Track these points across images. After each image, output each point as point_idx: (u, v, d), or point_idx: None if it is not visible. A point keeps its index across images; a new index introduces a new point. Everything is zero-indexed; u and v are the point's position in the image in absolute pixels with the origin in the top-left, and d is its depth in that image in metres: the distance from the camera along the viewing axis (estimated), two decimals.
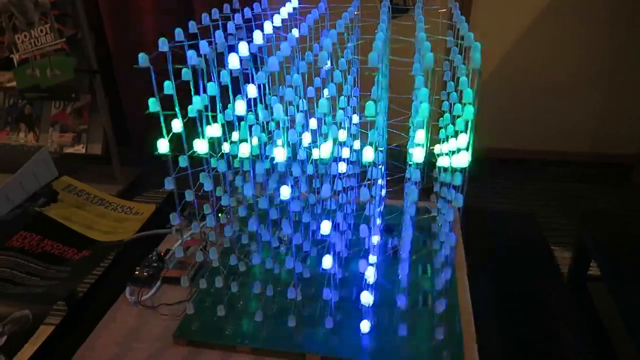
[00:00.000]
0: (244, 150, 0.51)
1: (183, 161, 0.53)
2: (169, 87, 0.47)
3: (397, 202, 0.78)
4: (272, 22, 0.58)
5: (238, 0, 0.62)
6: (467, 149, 0.44)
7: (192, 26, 0.54)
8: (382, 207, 0.68)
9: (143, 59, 0.44)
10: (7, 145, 1.38)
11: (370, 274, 0.50)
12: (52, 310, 0.65)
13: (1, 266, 0.71)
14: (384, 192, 0.67)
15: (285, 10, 0.62)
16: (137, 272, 0.67)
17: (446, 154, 0.52)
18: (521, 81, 1.87)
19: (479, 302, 0.61)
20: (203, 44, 0.48)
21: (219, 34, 0.49)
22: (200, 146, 0.52)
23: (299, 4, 0.66)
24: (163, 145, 0.48)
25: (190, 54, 0.44)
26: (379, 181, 0.55)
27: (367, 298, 0.51)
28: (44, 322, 0.63)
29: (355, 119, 0.66)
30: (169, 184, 0.50)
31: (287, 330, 0.57)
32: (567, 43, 1.80)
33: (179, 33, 0.50)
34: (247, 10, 0.60)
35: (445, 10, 0.65)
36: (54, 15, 1.78)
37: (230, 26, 0.55)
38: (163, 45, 0.46)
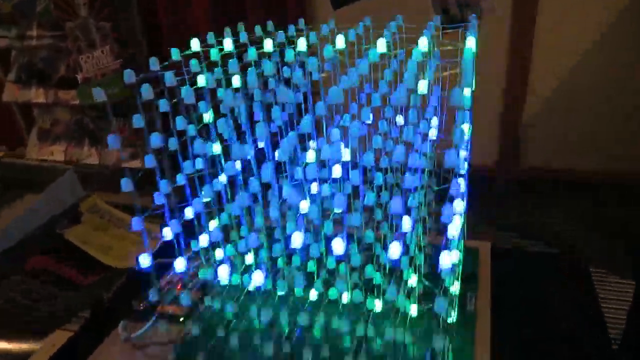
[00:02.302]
0: None
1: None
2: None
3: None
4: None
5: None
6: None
7: (215, 54, 0.58)
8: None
9: (97, 93, 0.41)
10: (37, 166, 1.44)
11: None
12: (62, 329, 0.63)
13: (11, 291, 0.71)
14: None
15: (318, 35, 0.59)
16: (133, 305, 0.64)
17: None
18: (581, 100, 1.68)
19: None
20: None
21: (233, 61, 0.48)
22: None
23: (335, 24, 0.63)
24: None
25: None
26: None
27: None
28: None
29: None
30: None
31: None
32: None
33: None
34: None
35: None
36: (114, 37, 1.86)
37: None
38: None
